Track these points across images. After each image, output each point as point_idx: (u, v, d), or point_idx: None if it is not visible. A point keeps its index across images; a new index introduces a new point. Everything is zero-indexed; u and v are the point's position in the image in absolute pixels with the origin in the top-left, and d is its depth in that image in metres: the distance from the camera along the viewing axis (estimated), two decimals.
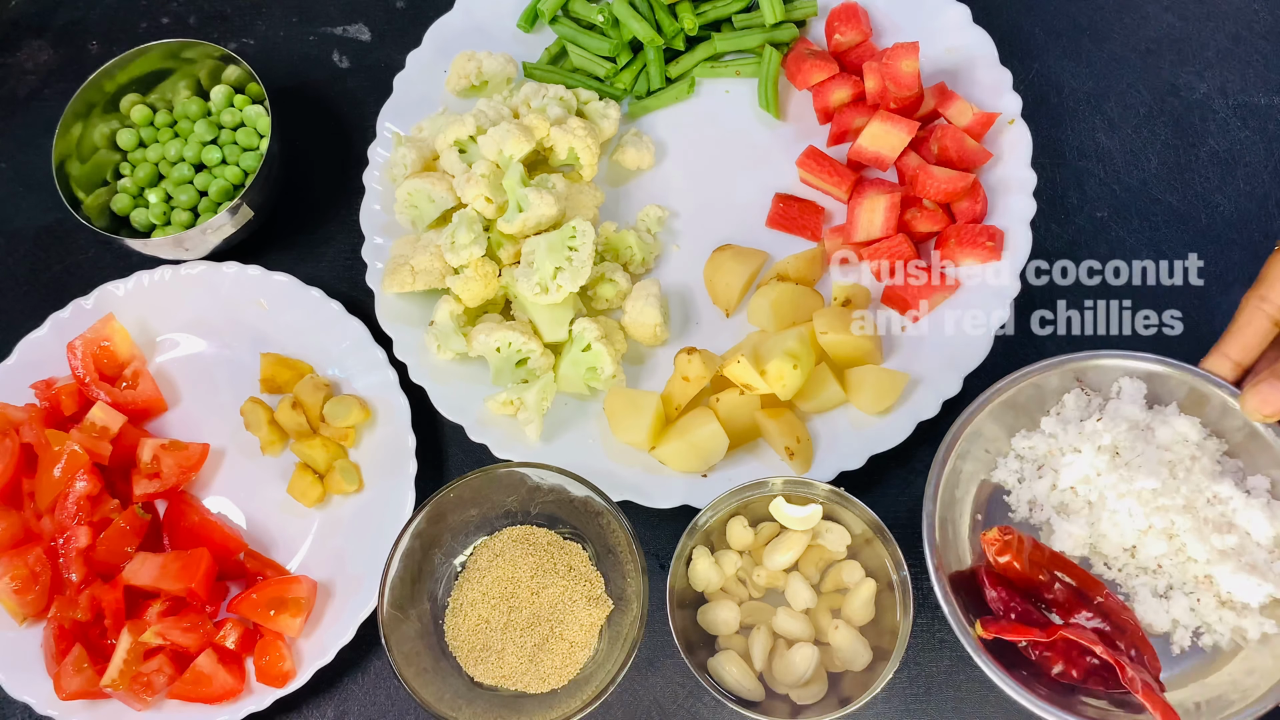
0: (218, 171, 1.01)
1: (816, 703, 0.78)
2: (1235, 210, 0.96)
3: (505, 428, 0.92)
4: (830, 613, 0.80)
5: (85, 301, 0.98)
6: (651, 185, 1.01)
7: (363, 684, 0.90)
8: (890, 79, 0.93)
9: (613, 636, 0.83)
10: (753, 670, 0.79)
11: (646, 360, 0.95)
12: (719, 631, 0.81)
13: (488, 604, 0.84)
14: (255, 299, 0.98)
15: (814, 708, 0.77)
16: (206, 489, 0.95)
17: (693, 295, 0.97)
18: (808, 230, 0.96)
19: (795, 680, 0.78)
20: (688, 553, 0.82)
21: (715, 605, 0.81)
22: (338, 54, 1.11)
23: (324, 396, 0.93)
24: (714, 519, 0.83)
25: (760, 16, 1.02)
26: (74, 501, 0.89)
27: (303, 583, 0.89)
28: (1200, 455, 0.77)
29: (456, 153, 0.95)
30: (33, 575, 0.88)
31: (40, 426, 0.92)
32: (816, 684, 0.79)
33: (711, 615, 0.81)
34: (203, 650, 0.87)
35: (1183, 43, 1.03)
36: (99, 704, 0.87)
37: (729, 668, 0.79)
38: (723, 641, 0.81)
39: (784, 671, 0.79)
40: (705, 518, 0.81)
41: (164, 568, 0.88)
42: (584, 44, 1.03)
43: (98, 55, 1.13)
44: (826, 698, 0.78)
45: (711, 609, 0.81)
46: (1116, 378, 0.81)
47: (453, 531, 0.85)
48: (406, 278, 0.93)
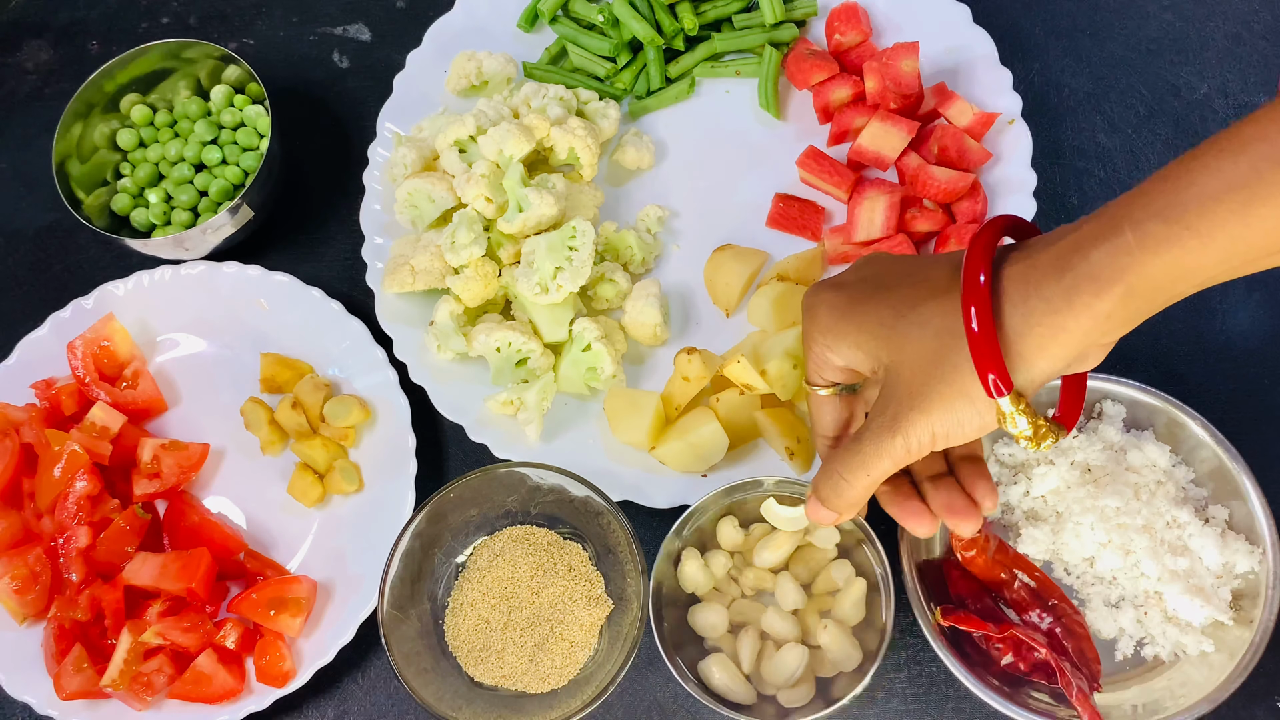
0: (218, 171, 1.01)
1: (805, 704, 0.78)
2: None
3: (505, 428, 0.92)
4: (819, 614, 0.81)
5: (85, 301, 0.98)
6: (651, 185, 1.01)
7: (363, 684, 0.90)
8: (890, 79, 0.93)
9: (613, 636, 0.83)
10: (741, 672, 0.79)
11: (646, 360, 0.95)
12: (707, 634, 0.81)
13: (488, 604, 0.84)
14: (255, 299, 0.98)
15: (803, 709, 0.77)
16: (206, 489, 0.95)
17: (693, 295, 0.97)
18: (808, 230, 0.96)
19: (784, 680, 0.78)
20: (676, 553, 0.81)
21: (703, 608, 0.81)
22: (338, 54, 1.11)
23: (324, 396, 0.93)
24: (704, 520, 0.82)
25: (760, 16, 1.02)
26: (74, 501, 0.89)
27: (303, 583, 0.89)
28: (1166, 481, 0.82)
29: (456, 153, 0.95)
30: (33, 575, 0.88)
31: (40, 426, 0.92)
32: (804, 685, 0.79)
33: (700, 617, 0.81)
34: (203, 650, 0.87)
35: (1183, 43, 1.03)
36: (99, 704, 0.87)
37: (716, 670, 0.78)
38: (711, 643, 0.81)
39: (772, 672, 0.79)
40: (696, 518, 0.81)
41: (164, 568, 0.88)
42: (584, 44, 1.03)
43: (98, 55, 1.13)
44: (815, 700, 0.78)
45: (700, 611, 0.81)
46: (1099, 399, 0.85)
47: (453, 531, 0.85)
48: (406, 278, 0.93)
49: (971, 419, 0.59)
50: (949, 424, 0.59)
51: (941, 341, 0.59)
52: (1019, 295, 0.56)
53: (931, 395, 0.59)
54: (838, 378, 0.68)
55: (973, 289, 0.57)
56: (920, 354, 0.60)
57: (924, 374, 0.59)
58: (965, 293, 0.57)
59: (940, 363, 0.59)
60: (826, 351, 0.66)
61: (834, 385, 0.68)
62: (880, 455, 0.62)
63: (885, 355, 0.62)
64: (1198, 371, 0.92)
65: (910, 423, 0.60)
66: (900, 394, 0.61)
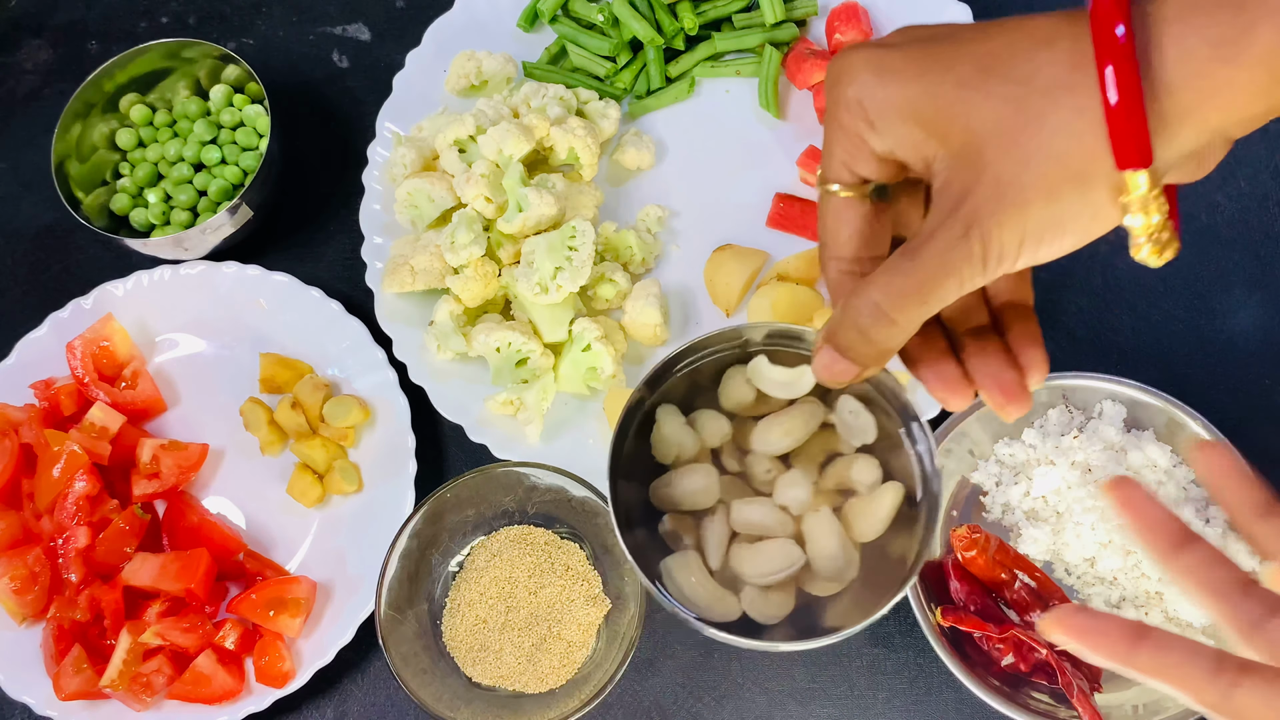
0: (217, 171, 1.01)
1: (778, 623, 0.57)
2: (1236, 210, 0.96)
3: (505, 428, 0.91)
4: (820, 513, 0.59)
5: (84, 301, 0.98)
6: (651, 185, 1.01)
7: (362, 685, 0.90)
8: None
9: (610, 635, 0.83)
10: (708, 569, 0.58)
11: (646, 360, 0.95)
12: (685, 505, 0.59)
13: (485, 604, 0.84)
14: (255, 299, 0.98)
15: (777, 629, 0.57)
16: (206, 489, 0.95)
17: (693, 295, 0.97)
18: (808, 230, 0.96)
19: (759, 574, 0.57)
20: (647, 408, 0.59)
21: (686, 472, 0.59)
22: (337, 53, 1.11)
23: (323, 397, 0.93)
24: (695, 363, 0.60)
25: (760, 16, 1.02)
26: (73, 502, 0.89)
27: (302, 583, 0.89)
28: (1167, 482, 0.82)
29: (456, 152, 0.95)
30: (32, 575, 0.88)
31: (39, 427, 0.92)
32: (781, 593, 0.58)
33: (678, 485, 0.59)
34: (202, 651, 0.86)
35: None
36: (98, 704, 0.87)
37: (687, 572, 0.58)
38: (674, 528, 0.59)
39: (745, 563, 0.58)
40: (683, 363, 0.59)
41: (163, 568, 0.88)
42: (584, 43, 1.03)
43: (97, 55, 1.13)
44: (792, 619, 0.58)
45: (680, 477, 0.59)
46: (1100, 399, 0.85)
47: (450, 532, 0.85)
48: (406, 278, 0.93)
49: (1080, 214, 0.44)
50: (1046, 222, 0.44)
51: (1050, 104, 0.43)
52: (1172, 37, 0.41)
53: (1028, 181, 0.43)
54: (870, 172, 0.49)
55: (1107, 41, 0.41)
56: (1015, 124, 0.43)
57: (1019, 151, 0.43)
58: (1098, 44, 0.42)
59: (1043, 132, 0.43)
60: (865, 129, 0.48)
61: (862, 183, 0.50)
62: (946, 272, 0.45)
63: (959, 129, 0.45)
64: (1198, 371, 0.92)
65: (996, 223, 0.44)
66: (980, 182, 0.44)
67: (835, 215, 0.51)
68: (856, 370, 0.50)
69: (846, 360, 0.50)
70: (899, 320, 0.47)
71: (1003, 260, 0.45)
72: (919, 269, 0.46)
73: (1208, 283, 0.94)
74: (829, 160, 0.50)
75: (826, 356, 0.51)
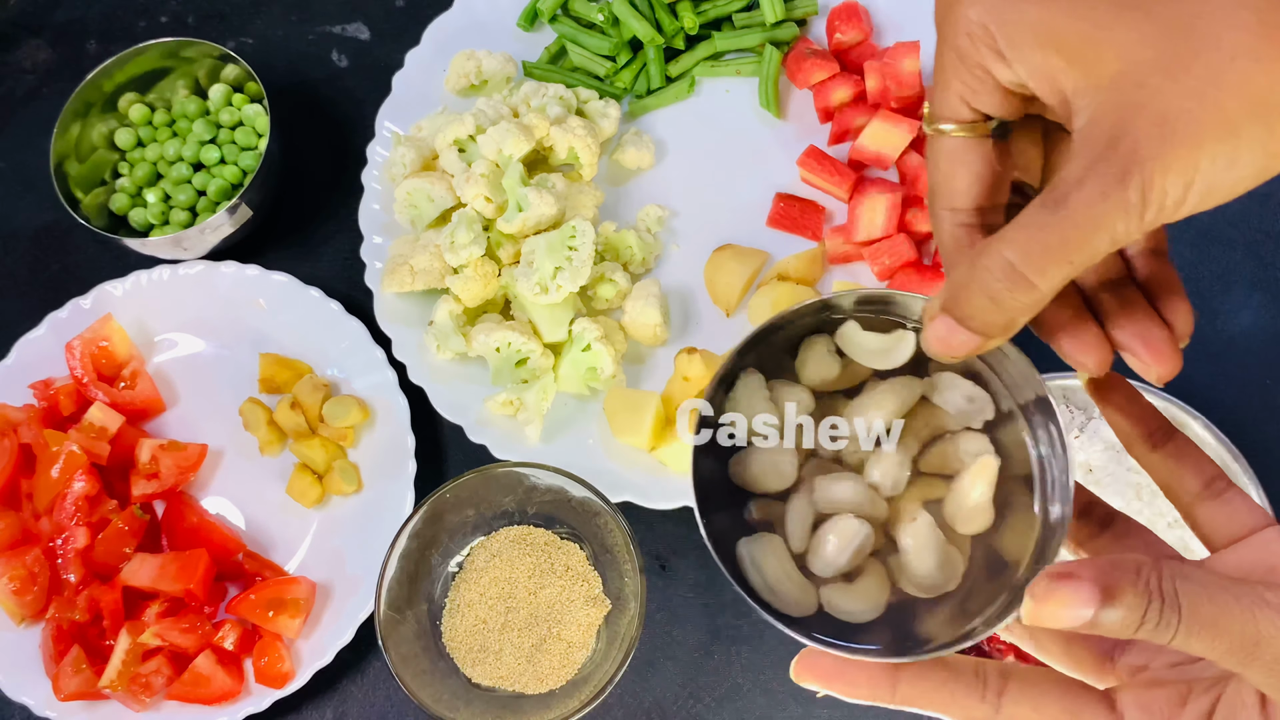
0: (216, 171, 1.01)
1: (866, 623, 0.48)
2: (1236, 209, 0.96)
3: (505, 428, 0.91)
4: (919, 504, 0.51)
5: (83, 301, 0.97)
6: (651, 185, 1.01)
7: (362, 685, 0.90)
8: (891, 78, 0.93)
9: (610, 636, 0.82)
10: (791, 555, 0.50)
11: (646, 360, 0.95)
12: (763, 487, 0.52)
13: (485, 604, 0.83)
14: (254, 299, 0.98)
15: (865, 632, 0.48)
16: (205, 489, 0.95)
17: (693, 295, 0.96)
18: (808, 230, 0.96)
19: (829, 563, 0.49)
20: (734, 375, 0.51)
21: (765, 452, 0.51)
22: (336, 53, 1.11)
23: (323, 397, 0.93)
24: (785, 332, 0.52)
25: (760, 15, 1.01)
26: (72, 502, 0.89)
27: (301, 584, 0.88)
28: None
29: (456, 152, 0.95)
30: (31, 576, 0.88)
31: (38, 427, 0.92)
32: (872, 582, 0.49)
33: (756, 463, 0.51)
34: (201, 651, 0.86)
35: None
36: (97, 705, 0.87)
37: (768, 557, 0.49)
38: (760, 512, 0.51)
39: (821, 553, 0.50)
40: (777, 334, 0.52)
41: (162, 568, 0.87)
42: (584, 43, 1.03)
43: (96, 54, 1.12)
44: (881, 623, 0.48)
45: (758, 456, 0.51)
46: None
47: (450, 532, 0.85)
48: (406, 277, 0.93)
49: (1254, 152, 0.36)
50: (1222, 163, 0.36)
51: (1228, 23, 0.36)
52: None
53: (1202, 115, 0.36)
54: (992, 107, 0.42)
55: None
56: (1186, 49, 0.36)
57: (1191, 80, 0.36)
58: None
59: (1219, 57, 0.36)
60: (990, 59, 0.40)
61: (981, 119, 0.43)
62: (1096, 226, 0.38)
63: (1112, 56, 0.37)
64: (1199, 372, 0.92)
65: (1160, 166, 0.36)
66: (1140, 118, 0.37)
67: (950, 159, 0.44)
68: (978, 342, 0.42)
69: (967, 330, 0.42)
70: (1039, 283, 0.39)
71: (1163, 209, 0.37)
72: (1063, 222, 0.38)
73: (1208, 283, 0.94)
74: (943, 95, 0.43)
75: (943, 327, 0.43)
